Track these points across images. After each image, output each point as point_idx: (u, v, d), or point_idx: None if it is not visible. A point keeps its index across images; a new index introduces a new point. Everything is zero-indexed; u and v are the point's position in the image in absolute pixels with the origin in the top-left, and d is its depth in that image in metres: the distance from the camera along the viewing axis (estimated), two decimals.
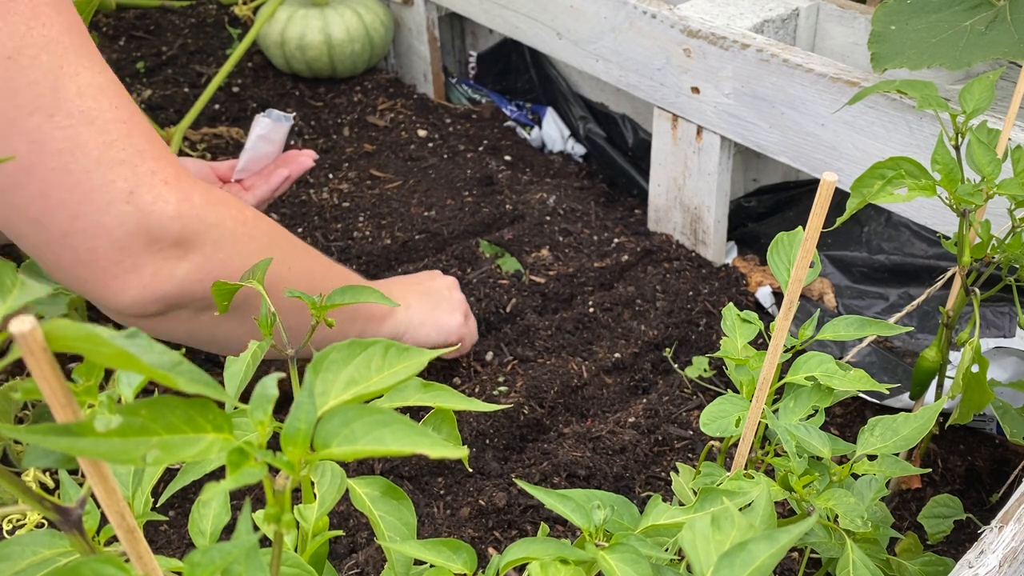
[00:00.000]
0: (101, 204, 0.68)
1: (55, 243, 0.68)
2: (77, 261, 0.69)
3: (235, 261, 0.77)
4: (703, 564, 0.39)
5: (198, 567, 0.30)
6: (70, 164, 0.66)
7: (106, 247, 0.69)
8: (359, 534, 0.88)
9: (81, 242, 0.68)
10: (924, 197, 0.67)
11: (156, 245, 0.71)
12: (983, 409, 0.75)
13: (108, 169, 0.68)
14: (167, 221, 0.71)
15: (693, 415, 1.02)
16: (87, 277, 0.70)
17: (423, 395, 0.47)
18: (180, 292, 0.74)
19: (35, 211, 0.67)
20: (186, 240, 0.73)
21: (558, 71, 1.50)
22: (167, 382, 0.28)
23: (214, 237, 0.75)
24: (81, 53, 0.68)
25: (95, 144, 0.67)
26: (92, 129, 0.67)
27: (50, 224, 0.68)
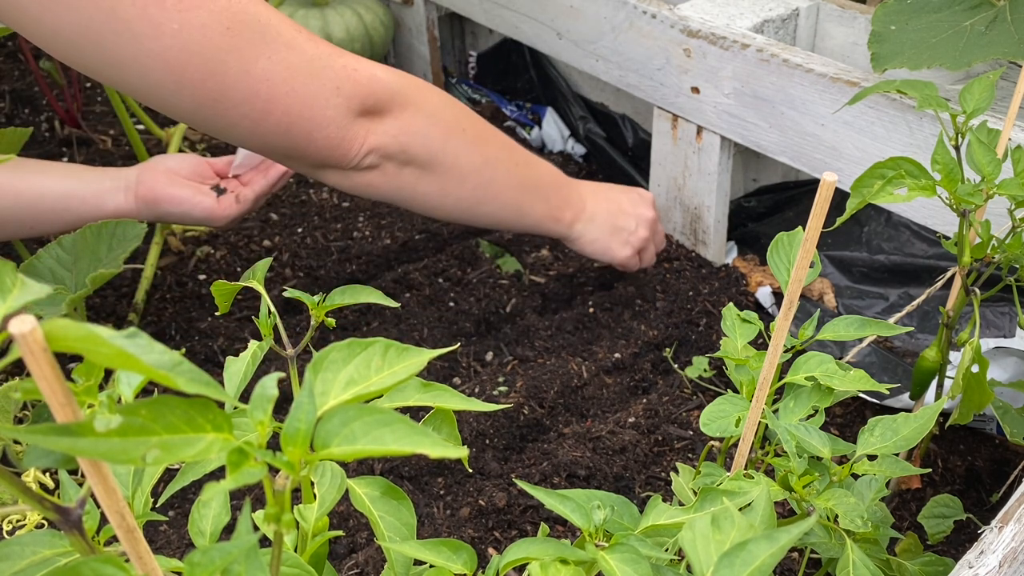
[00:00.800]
0: (322, 104, 0.88)
1: (303, 142, 0.89)
2: (320, 148, 0.90)
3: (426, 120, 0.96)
4: (703, 564, 0.39)
5: (198, 567, 0.30)
6: (296, 86, 0.86)
7: (335, 131, 0.90)
8: (359, 534, 0.88)
9: (320, 134, 0.89)
10: (924, 197, 0.67)
11: (364, 114, 0.91)
12: (983, 409, 0.75)
13: (318, 78, 0.87)
14: (365, 96, 0.91)
15: (693, 415, 1.02)
16: (328, 152, 0.91)
17: (423, 395, 0.47)
18: (381, 143, 0.93)
19: (284, 127, 0.87)
20: (382, 106, 0.93)
21: (558, 71, 1.50)
22: (167, 382, 0.28)
23: (402, 99, 0.94)
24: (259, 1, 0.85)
25: (302, 64, 0.86)
26: (295, 53, 0.85)
27: (296, 132, 0.88)
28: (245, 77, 0.84)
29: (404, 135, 0.95)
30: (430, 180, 0.99)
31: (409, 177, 0.98)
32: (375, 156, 0.94)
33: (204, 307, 1.16)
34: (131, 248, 1.01)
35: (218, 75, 0.82)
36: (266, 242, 1.29)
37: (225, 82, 0.83)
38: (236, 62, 0.83)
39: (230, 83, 0.84)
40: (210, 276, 1.22)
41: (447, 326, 1.13)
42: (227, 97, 0.84)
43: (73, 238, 1.02)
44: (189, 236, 1.28)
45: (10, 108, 1.50)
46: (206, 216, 1.05)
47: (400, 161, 0.96)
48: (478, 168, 1.02)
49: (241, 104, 0.85)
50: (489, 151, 1.03)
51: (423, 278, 1.21)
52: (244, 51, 0.83)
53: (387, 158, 0.95)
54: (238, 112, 0.85)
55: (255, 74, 0.84)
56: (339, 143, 0.91)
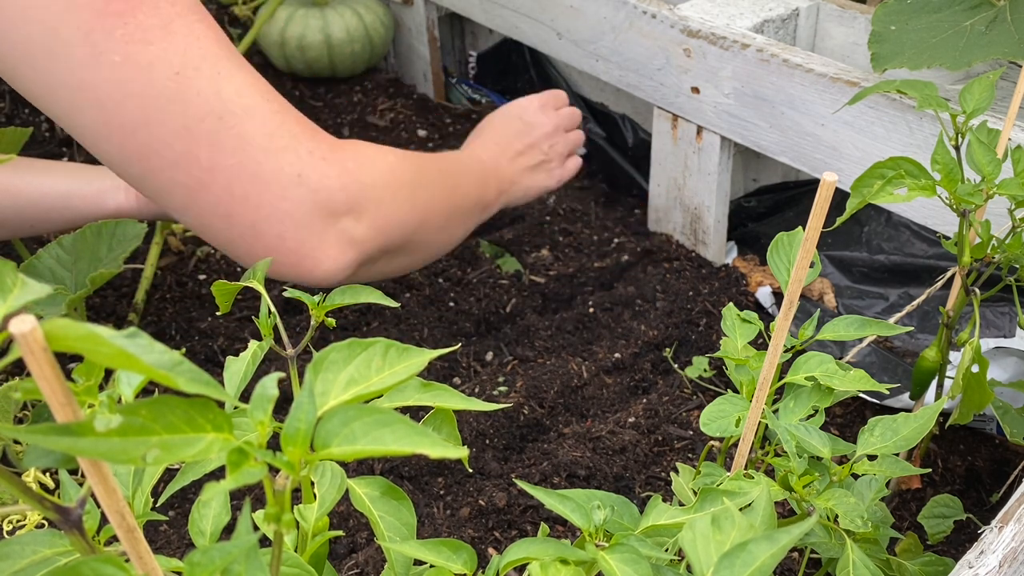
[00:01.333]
0: (277, 191, 0.74)
1: (246, 234, 0.75)
2: (269, 248, 0.76)
3: (397, 208, 0.84)
4: (703, 564, 0.39)
5: (198, 567, 0.30)
6: (244, 159, 0.72)
7: (291, 230, 0.75)
8: (359, 534, 0.88)
9: (268, 229, 0.75)
10: (924, 197, 0.67)
11: (332, 219, 0.77)
12: (983, 409, 0.75)
13: (276, 157, 0.74)
14: (335, 194, 0.77)
15: (693, 415, 1.02)
16: (282, 260, 0.77)
17: (423, 395, 0.47)
18: (363, 252, 0.81)
19: (223, 207, 0.73)
20: (354, 206, 0.79)
21: (558, 71, 1.50)
22: (167, 382, 0.28)
23: (375, 196, 0.81)
24: (230, 57, 0.73)
25: (260, 136, 0.73)
26: (255, 123, 0.73)
27: (238, 217, 0.74)
28: (185, 135, 0.71)
29: (381, 235, 0.82)
30: (399, 258, 0.90)
31: (379, 265, 0.88)
32: (353, 267, 0.81)
33: (204, 307, 1.16)
34: (131, 248, 1.01)
35: (153, 125, 0.70)
36: None
37: (157, 137, 0.70)
38: (178, 115, 0.70)
39: (165, 138, 0.71)
40: (210, 276, 1.22)
41: (447, 326, 1.13)
42: (157, 155, 0.71)
43: (73, 238, 1.02)
44: (189, 236, 1.28)
45: (10, 108, 1.50)
46: None
47: (374, 259, 0.85)
48: (439, 227, 0.93)
49: (174, 167, 0.71)
50: (444, 200, 0.93)
51: (423, 278, 1.21)
52: (191, 105, 0.70)
53: (363, 264, 0.84)
54: (169, 176, 0.72)
55: (197, 134, 0.71)
56: (297, 248, 0.76)
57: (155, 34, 0.69)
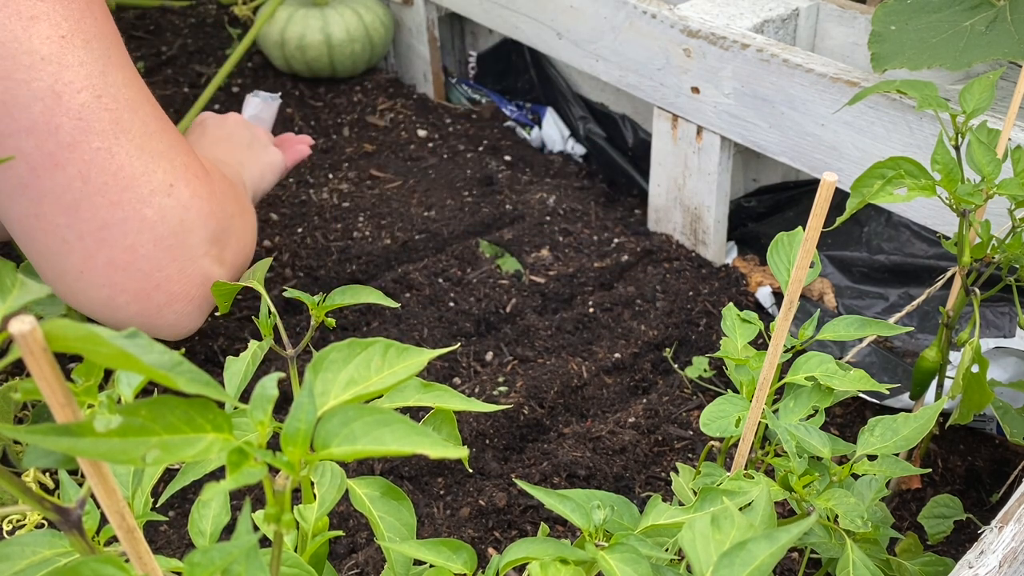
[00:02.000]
0: (143, 193, 0.65)
1: (89, 236, 0.64)
2: (112, 263, 0.66)
3: (243, 243, 0.78)
4: (703, 564, 0.39)
5: (198, 567, 0.30)
6: (114, 147, 0.64)
7: (148, 246, 0.66)
8: (359, 534, 0.88)
9: (120, 236, 0.65)
10: (924, 197, 0.67)
11: (198, 248, 0.69)
12: (983, 409, 0.75)
13: (150, 159, 0.66)
14: (205, 218, 0.70)
15: (693, 415, 1.02)
16: (124, 284, 0.66)
17: (423, 395, 0.47)
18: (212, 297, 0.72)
19: (73, 195, 0.63)
20: (219, 238, 0.72)
21: (558, 71, 1.50)
22: (167, 382, 0.28)
23: (234, 227, 0.74)
24: (124, 54, 0.69)
25: (138, 132, 0.66)
26: (135, 117, 0.66)
27: (87, 212, 0.64)
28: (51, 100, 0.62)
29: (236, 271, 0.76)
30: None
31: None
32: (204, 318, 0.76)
33: None
34: None
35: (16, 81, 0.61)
36: (266, 242, 1.29)
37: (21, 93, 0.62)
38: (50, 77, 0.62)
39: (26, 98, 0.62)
40: None
41: (447, 326, 1.13)
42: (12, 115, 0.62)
43: None
44: None
45: None
46: None
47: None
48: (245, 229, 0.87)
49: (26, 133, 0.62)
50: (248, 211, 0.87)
51: (423, 278, 1.21)
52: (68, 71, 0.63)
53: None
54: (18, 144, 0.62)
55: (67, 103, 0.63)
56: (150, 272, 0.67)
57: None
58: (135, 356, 0.27)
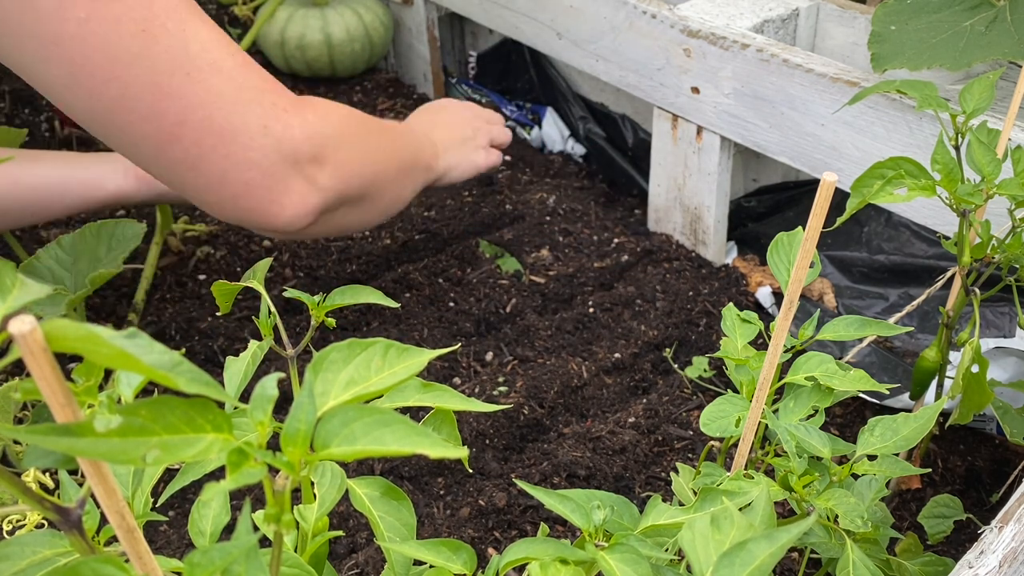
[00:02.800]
0: (245, 141, 0.77)
1: (215, 184, 0.78)
2: (237, 195, 0.79)
3: (354, 156, 0.88)
4: (703, 564, 0.39)
5: (198, 567, 0.30)
6: (213, 112, 0.75)
7: (258, 178, 0.79)
8: (359, 534, 0.88)
9: (236, 177, 0.78)
10: (924, 197, 0.67)
11: (297, 166, 0.81)
12: (983, 409, 0.75)
13: (244, 109, 0.77)
14: (299, 143, 0.81)
15: (693, 415, 1.02)
16: (249, 207, 0.80)
17: (423, 395, 0.47)
18: (325, 200, 0.85)
19: (192, 159, 0.76)
20: (317, 155, 0.83)
21: (558, 71, 1.50)
22: (167, 382, 0.28)
23: (335, 146, 0.85)
24: (194, 13, 0.76)
25: (228, 90, 0.76)
26: (222, 78, 0.76)
27: (207, 168, 0.77)
28: (154, 90, 0.73)
29: (342, 183, 0.86)
30: (357, 210, 0.93)
31: (338, 216, 0.91)
32: (316, 215, 0.85)
33: (204, 307, 1.16)
34: (130, 248, 1.01)
35: (121, 81, 0.72)
36: (266, 242, 1.29)
37: (129, 91, 0.73)
38: (146, 71, 0.72)
39: (134, 93, 0.73)
40: (210, 276, 1.22)
41: (447, 326, 1.13)
42: (128, 109, 0.73)
43: (72, 238, 1.02)
44: (189, 236, 1.28)
45: (10, 108, 1.50)
46: None
47: (335, 208, 0.89)
48: (390, 179, 0.97)
49: (144, 121, 0.74)
50: (391, 154, 0.98)
51: (423, 278, 1.21)
52: (159, 60, 0.73)
53: (325, 211, 0.87)
54: (139, 130, 0.74)
55: (167, 89, 0.73)
56: (264, 194, 0.80)
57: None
58: (135, 356, 0.27)
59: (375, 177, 0.93)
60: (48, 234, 1.26)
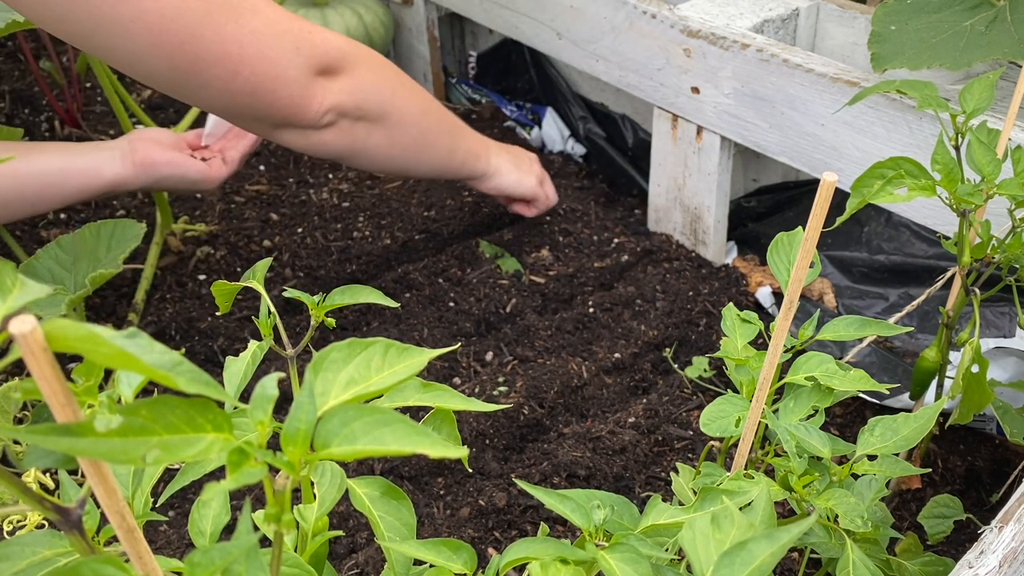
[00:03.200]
0: (285, 64, 0.94)
1: (267, 99, 0.95)
2: (283, 106, 0.96)
3: (371, 79, 1.03)
4: (703, 563, 0.39)
5: (198, 567, 0.30)
6: (260, 47, 0.92)
7: (297, 88, 0.96)
8: (359, 534, 0.88)
9: (283, 92, 0.95)
10: (924, 197, 0.67)
11: (321, 74, 0.98)
12: (983, 409, 0.75)
13: (281, 40, 0.94)
14: (320, 57, 0.97)
15: (693, 415, 1.02)
16: (290, 111, 0.97)
17: (423, 395, 0.47)
18: (338, 101, 1.00)
19: (251, 86, 0.93)
20: (336, 66, 0.99)
21: (558, 71, 1.50)
22: (167, 382, 0.28)
23: (352, 62, 1.01)
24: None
25: (267, 28, 0.92)
26: (260, 19, 0.92)
27: (262, 91, 0.94)
28: (218, 40, 0.90)
29: (358, 91, 1.02)
30: (380, 132, 1.06)
31: (361, 131, 1.05)
32: (333, 114, 1.00)
33: (204, 307, 1.16)
34: (130, 248, 1.01)
35: (194, 39, 0.88)
36: (266, 242, 1.29)
37: (201, 45, 0.89)
38: (210, 26, 0.89)
39: (205, 46, 0.89)
40: (210, 276, 1.22)
41: (447, 326, 1.13)
42: (201, 59, 0.90)
43: (72, 238, 1.02)
44: (189, 236, 1.28)
45: (10, 108, 1.50)
46: (201, 177, 1.10)
47: (354, 117, 1.03)
48: (418, 117, 1.10)
49: (214, 65, 0.90)
50: (424, 102, 1.11)
51: (423, 278, 1.21)
52: (216, 16, 0.89)
53: (343, 115, 1.02)
54: (211, 73, 0.91)
55: (226, 37, 0.90)
56: (300, 100, 0.97)
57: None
58: (135, 356, 0.27)
59: (394, 104, 1.06)
60: (48, 234, 1.26)
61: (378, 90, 1.05)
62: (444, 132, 1.15)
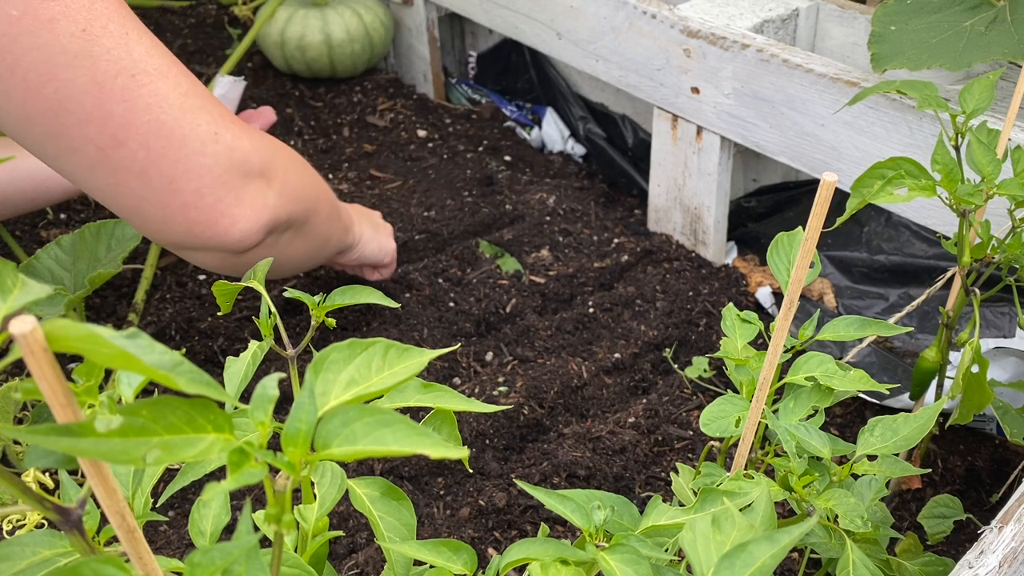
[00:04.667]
0: (196, 146, 0.74)
1: (163, 191, 0.74)
2: (186, 205, 0.75)
3: (297, 180, 0.86)
4: (703, 564, 0.39)
5: (198, 567, 0.30)
6: (160, 115, 0.73)
7: (210, 185, 0.76)
8: (359, 534, 0.88)
9: (186, 184, 0.75)
10: (924, 197, 0.67)
11: (248, 177, 0.79)
12: (983, 409, 0.75)
13: (192, 115, 0.75)
14: (249, 154, 0.78)
15: (693, 415, 1.02)
16: (197, 218, 0.76)
17: (423, 395, 0.47)
18: (275, 217, 0.82)
19: (140, 164, 0.73)
20: (266, 169, 0.81)
21: (558, 71, 1.50)
22: (168, 382, 0.28)
23: (281, 164, 0.83)
24: (137, 22, 0.75)
25: (175, 95, 0.74)
26: (168, 82, 0.74)
27: (155, 173, 0.74)
28: (97, 92, 0.70)
29: (290, 202, 0.84)
30: (299, 240, 0.90)
31: (283, 243, 0.88)
32: (266, 231, 0.82)
33: (204, 307, 1.16)
34: (130, 248, 1.01)
35: (59, 81, 0.69)
36: None
37: (67, 92, 0.69)
38: (87, 71, 0.69)
39: (74, 94, 0.69)
40: (210, 276, 1.22)
41: (447, 326, 1.13)
42: (69, 112, 0.70)
43: (72, 238, 1.02)
44: None
45: None
46: None
47: (282, 229, 0.86)
48: (324, 215, 0.93)
49: (86, 123, 0.70)
50: (323, 191, 0.94)
51: (423, 278, 1.21)
52: (101, 61, 0.70)
53: (274, 230, 0.84)
54: (81, 133, 0.71)
55: (109, 90, 0.70)
56: (215, 204, 0.76)
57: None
58: (136, 356, 0.27)
59: (315, 206, 0.90)
60: (48, 234, 1.26)
61: (304, 196, 0.86)
62: (336, 216, 0.97)
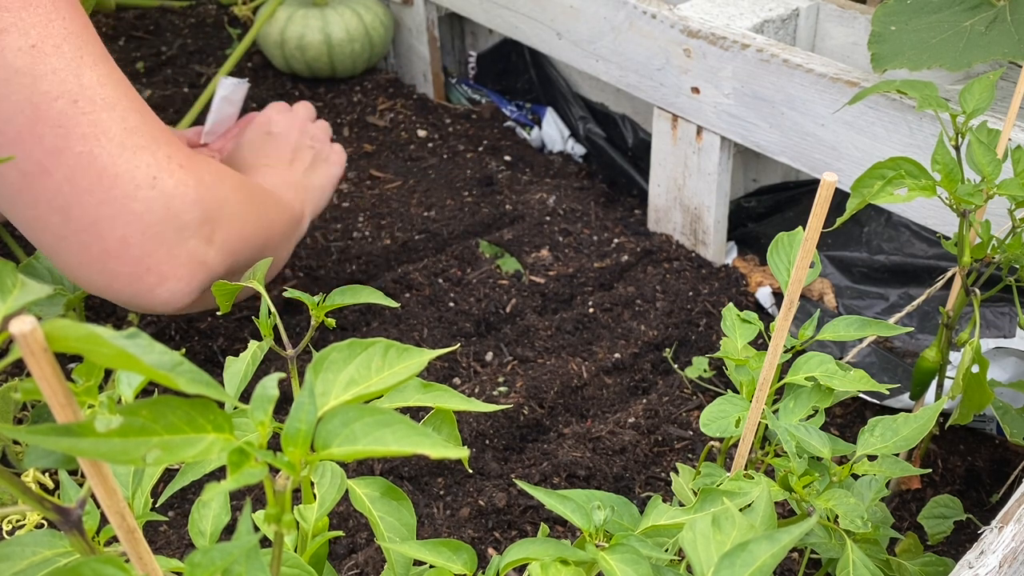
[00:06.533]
0: (128, 189, 0.68)
1: (82, 232, 0.67)
2: (107, 252, 0.68)
3: (248, 227, 0.79)
4: (703, 564, 0.39)
5: (198, 567, 0.30)
6: (95, 148, 0.67)
7: (138, 235, 0.69)
8: (359, 534, 0.88)
9: (110, 230, 0.68)
10: (924, 197, 0.67)
11: (184, 231, 0.71)
12: (983, 409, 0.75)
13: (132, 154, 0.68)
14: (190, 205, 0.72)
15: (693, 415, 1.02)
16: (118, 270, 0.69)
17: (423, 395, 0.47)
18: (211, 276, 0.75)
19: (62, 198, 0.66)
20: (210, 219, 0.73)
21: (558, 71, 1.50)
22: (167, 382, 0.28)
23: (228, 212, 0.76)
24: (97, 48, 0.70)
25: (117, 130, 0.68)
26: (113, 115, 0.68)
27: (78, 212, 0.67)
28: (30, 111, 0.65)
29: (232, 256, 0.77)
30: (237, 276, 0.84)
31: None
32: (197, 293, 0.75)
33: None
34: None
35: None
36: None
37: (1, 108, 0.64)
38: (25, 89, 0.65)
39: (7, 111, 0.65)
40: None
41: (447, 326, 1.13)
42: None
43: None
44: None
45: None
46: None
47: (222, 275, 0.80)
48: (276, 245, 0.88)
49: (13, 144, 0.65)
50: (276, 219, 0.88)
51: (423, 278, 1.21)
52: (43, 81, 0.65)
53: (207, 287, 0.77)
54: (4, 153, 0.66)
55: (46, 113, 0.65)
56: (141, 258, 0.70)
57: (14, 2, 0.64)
58: (136, 356, 0.27)
59: (266, 244, 0.84)
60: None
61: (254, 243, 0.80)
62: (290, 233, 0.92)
